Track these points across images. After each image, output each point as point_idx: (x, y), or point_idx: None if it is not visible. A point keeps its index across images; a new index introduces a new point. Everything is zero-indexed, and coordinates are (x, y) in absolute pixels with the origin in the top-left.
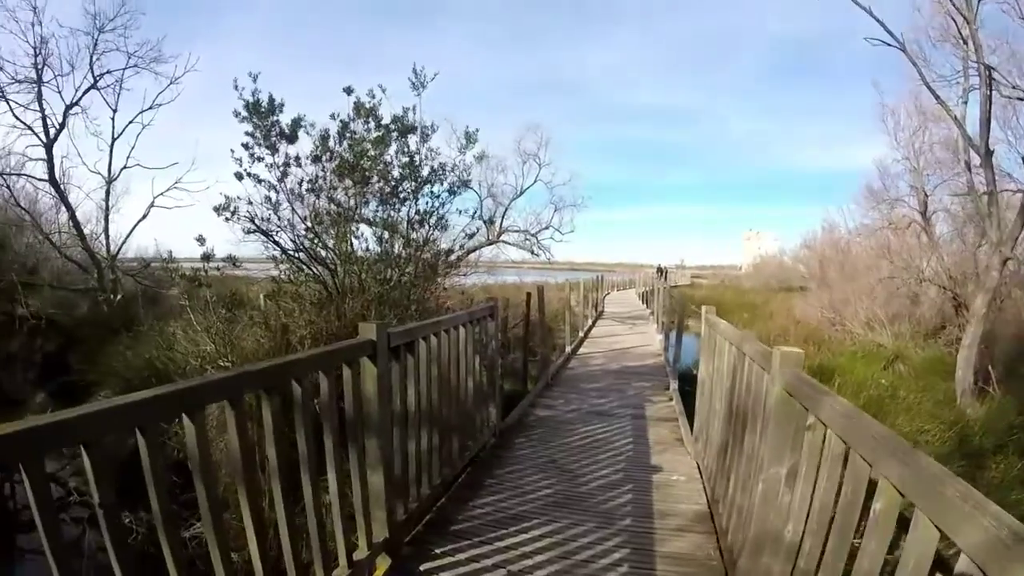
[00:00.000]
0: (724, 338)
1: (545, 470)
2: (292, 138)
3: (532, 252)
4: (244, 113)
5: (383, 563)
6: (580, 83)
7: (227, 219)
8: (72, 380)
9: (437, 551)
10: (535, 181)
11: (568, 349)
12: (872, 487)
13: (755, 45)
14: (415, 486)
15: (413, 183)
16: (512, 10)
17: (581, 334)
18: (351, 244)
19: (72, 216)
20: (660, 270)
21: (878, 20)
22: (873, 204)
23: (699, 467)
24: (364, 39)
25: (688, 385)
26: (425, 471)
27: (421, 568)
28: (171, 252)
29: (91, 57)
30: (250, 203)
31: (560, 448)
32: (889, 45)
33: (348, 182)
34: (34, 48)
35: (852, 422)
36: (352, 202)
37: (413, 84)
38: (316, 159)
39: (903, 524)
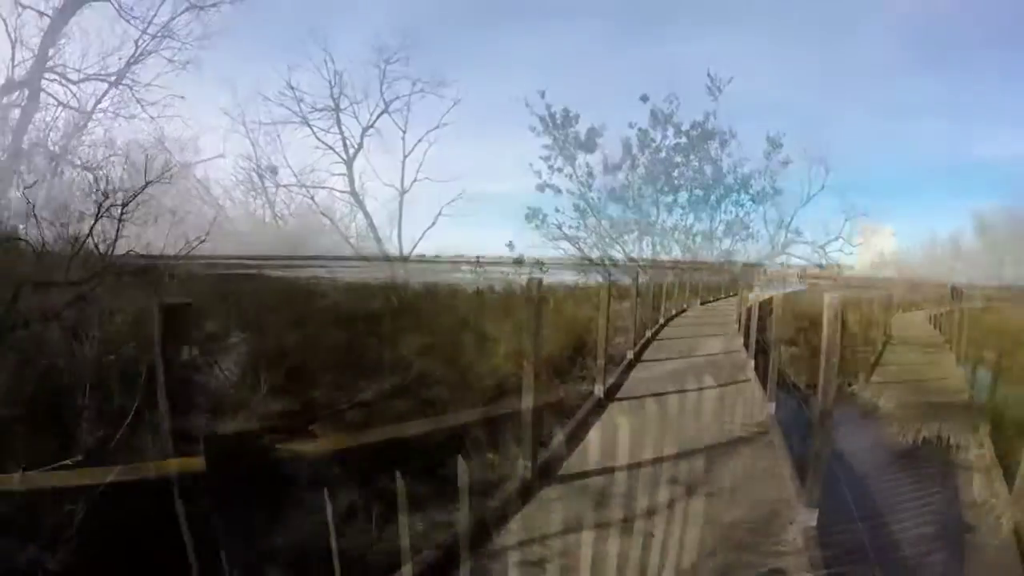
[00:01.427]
0: None
1: None
2: (590, 147)
3: (820, 266)
4: (540, 127)
5: None
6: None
7: (536, 226)
8: None
9: None
10: (822, 188)
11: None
12: None
13: None
14: None
15: (720, 190)
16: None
17: (872, 359)
18: (655, 250)
19: (370, 222)
20: (954, 291)
21: None
22: None
23: None
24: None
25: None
26: None
27: None
28: (478, 258)
29: (381, 86)
30: (558, 211)
31: None
32: None
33: (652, 189)
34: (329, 81)
35: None
36: (656, 209)
37: (709, 89)
38: (616, 167)
39: None
